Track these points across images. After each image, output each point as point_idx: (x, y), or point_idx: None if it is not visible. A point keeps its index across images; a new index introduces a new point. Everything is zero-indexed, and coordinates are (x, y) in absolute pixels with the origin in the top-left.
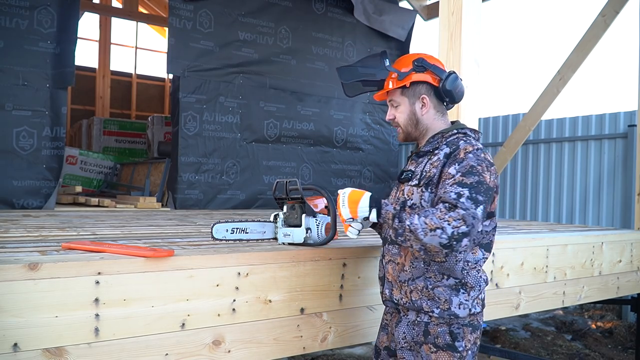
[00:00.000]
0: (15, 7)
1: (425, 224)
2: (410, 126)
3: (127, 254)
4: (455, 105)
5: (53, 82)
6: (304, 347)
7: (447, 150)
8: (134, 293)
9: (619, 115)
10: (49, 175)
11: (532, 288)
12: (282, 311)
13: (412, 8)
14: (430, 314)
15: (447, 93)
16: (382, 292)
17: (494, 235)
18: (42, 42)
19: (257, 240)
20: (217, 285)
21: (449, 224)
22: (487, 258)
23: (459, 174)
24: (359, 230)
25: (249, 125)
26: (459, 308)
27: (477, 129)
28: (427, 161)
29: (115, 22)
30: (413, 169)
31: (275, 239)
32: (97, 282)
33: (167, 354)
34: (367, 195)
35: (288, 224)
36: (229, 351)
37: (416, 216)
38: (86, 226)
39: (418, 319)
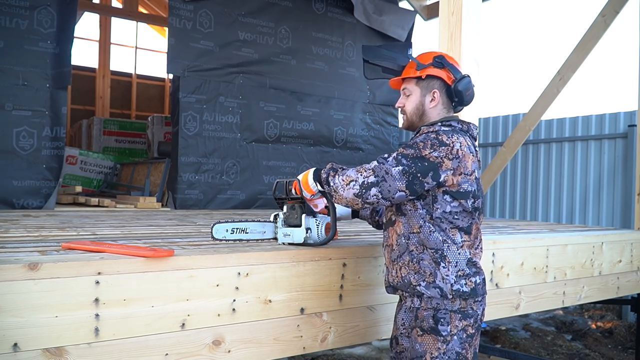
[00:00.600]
0: (15, 7)
1: (342, 180)
2: (415, 116)
3: (127, 254)
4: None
5: (53, 82)
6: (304, 347)
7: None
8: (134, 293)
9: (619, 115)
10: (49, 175)
11: (532, 288)
12: (282, 311)
13: (412, 8)
14: (418, 288)
15: (457, 93)
16: (384, 280)
17: (473, 219)
18: (42, 42)
19: (257, 240)
20: (217, 285)
21: (361, 175)
22: (471, 243)
23: (405, 146)
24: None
25: (249, 125)
26: (442, 282)
27: (469, 121)
28: None
29: (115, 22)
30: None
31: (276, 239)
32: (97, 282)
33: (167, 354)
34: (311, 170)
35: (288, 224)
36: (229, 351)
37: (337, 176)
38: (86, 226)
39: (412, 304)
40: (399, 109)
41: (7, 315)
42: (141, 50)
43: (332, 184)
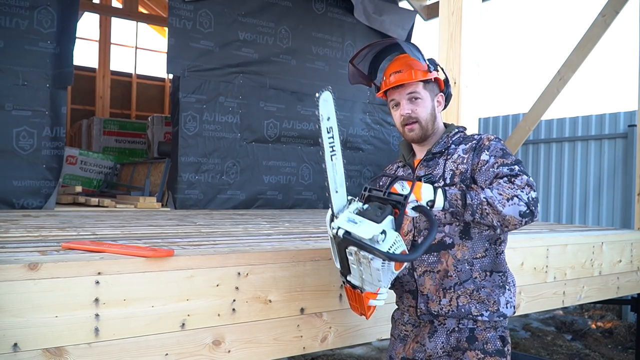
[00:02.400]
0: (15, 7)
1: (500, 194)
2: (430, 122)
3: (127, 254)
4: (456, 105)
5: (53, 82)
6: (304, 347)
7: (465, 146)
8: (134, 293)
9: (619, 115)
10: (49, 175)
11: (532, 288)
12: (282, 311)
13: (412, 8)
14: (479, 317)
15: (448, 97)
16: (413, 307)
17: None
18: (42, 42)
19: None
20: (217, 285)
21: (522, 191)
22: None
23: (494, 157)
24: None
25: (249, 125)
26: (507, 307)
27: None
28: (446, 161)
29: (115, 22)
30: (432, 172)
31: (335, 216)
32: (97, 282)
33: (167, 354)
34: (427, 183)
35: (363, 214)
36: (229, 351)
37: (488, 190)
38: (86, 226)
39: (460, 325)
40: (406, 117)
41: (7, 315)
42: (141, 50)
43: (482, 196)
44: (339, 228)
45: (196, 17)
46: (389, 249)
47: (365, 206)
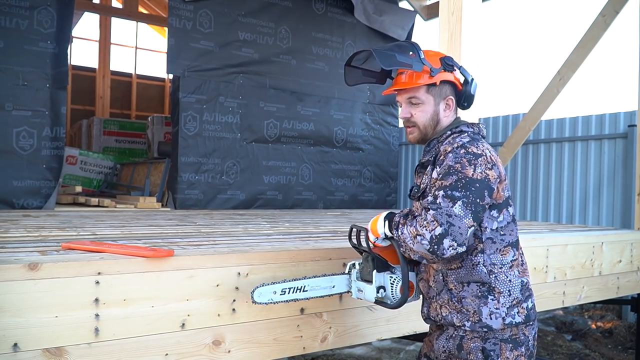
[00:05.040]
0: (15, 7)
1: (410, 232)
2: (430, 127)
3: (127, 254)
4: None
5: (53, 82)
6: (304, 347)
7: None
8: (134, 293)
9: (619, 115)
10: (49, 175)
11: (532, 288)
12: (282, 311)
13: (412, 8)
14: (463, 327)
15: (468, 98)
16: (421, 311)
17: (516, 229)
18: (42, 42)
19: (322, 296)
20: (217, 285)
21: (425, 229)
22: (519, 260)
23: (440, 176)
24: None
25: (249, 125)
26: (491, 318)
27: (475, 122)
28: (433, 169)
29: (115, 22)
30: (419, 183)
31: (349, 292)
32: (97, 282)
33: (167, 354)
34: (385, 212)
35: (362, 277)
36: (229, 351)
37: (407, 225)
38: (86, 226)
39: (455, 332)
40: (404, 119)
41: (7, 315)
42: (141, 50)
43: (400, 232)
44: (358, 298)
45: (196, 17)
46: (392, 295)
47: (361, 261)
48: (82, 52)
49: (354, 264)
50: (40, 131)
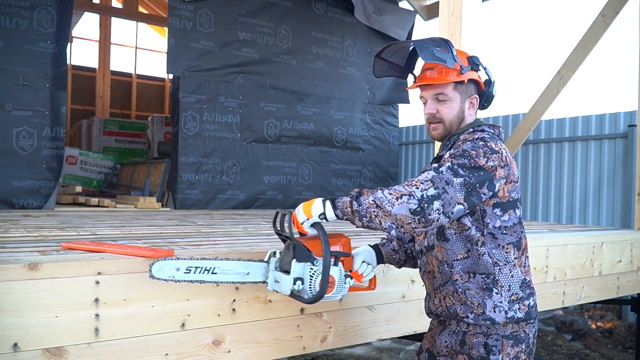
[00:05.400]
0: (15, 7)
1: (391, 194)
2: (455, 124)
3: (127, 254)
4: None
5: (53, 82)
6: (304, 347)
7: None
8: (134, 293)
9: (619, 115)
10: (49, 175)
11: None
12: (282, 311)
13: (412, 8)
14: (466, 319)
15: (489, 98)
16: (424, 305)
17: (522, 232)
18: (42, 42)
19: (233, 282)
20: (217, 285)
21: (417, 188)
22: (522, 260)
23: (450, 156)
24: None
25: (249, 125)
26: (494, 311)
27: (494, 124)
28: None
29: (115, 22)
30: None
31: (265, 282)
32: (97, 282)
33: (167, 354)
34: (320, 198)
35: (282, 267)
36: (229, 351)
37: (379, 191)
38: (86, 226)
39: (458, 327)
40: (430, 116)
41: (7, 315)
42: (141, 50)
43: (370, 198)
44: (274, 290)
45: (196, 17)
46: (310, 289)
47: (282, 250)
48: (82, 52)
49: (274, 253)
50: (40, 131)
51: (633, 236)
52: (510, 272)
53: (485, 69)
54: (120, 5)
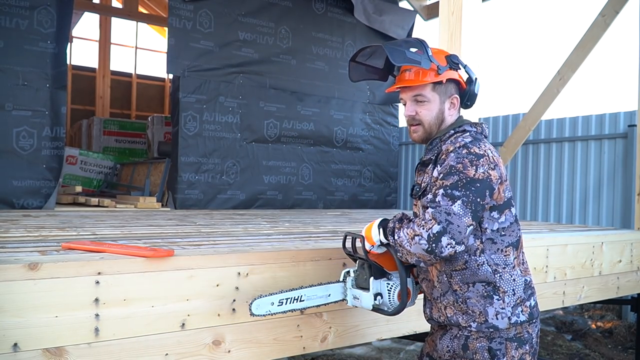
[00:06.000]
0: (15, 7)
1: (407, 234)
2: (435, 126)
3: (127, 254)
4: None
5: (53, 82)
6: (304, 347)
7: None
8: (134, 293)
9: (619, 115)
10: (49, 175)
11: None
12: None
13: (412, 8)
14: (469, 328)
15: (472, 97)
16: (424, 311)
17: (519, 229)
18: (42, 42)
19: (318, 305)
20: (217, 285)
21: (423, 228)
22: (520, 260)
23: (440, 175)
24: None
25: (249, 125)
26: (497, 318)
27: (477, 121)
28: (434, 168)
29: (115, 22)
30: (420, 182)
31: (345, 300)
32: (97, 282)
33: (167, 354)
34: (379, 219)
35: (358, 285)
36: (229, 351)
37: (402, 229)
38: (86, 226)
39: (460, 332)
40: (409, 117)
41: (7, 315)
42: (141, 50)
43: (396, 236)
44: (354, 306)
45: (196, 17)
46: (389, 302)
47: (356, 269)
48: (82, 52)
49: (348, 272)
50: (40, 131)
51: (633, 236)
52: (512, 275)
53: (465, 67)
54: (120, 5)
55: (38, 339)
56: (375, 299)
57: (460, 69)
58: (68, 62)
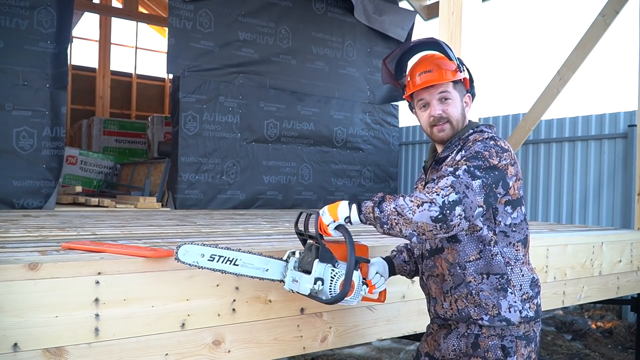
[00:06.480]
0: (15, 7)
1: (412, 201)
2: (460, 123)
3: (127, 254)
4: None
5: (53, 82)
6: (304, 347)
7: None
8: (134, 293)
9: (619, 115)
10: (49, 175)
11: None
12: (282, 311)
13: (412, 8)
14: (480, 322)
15: (473, 97)
16: (428, 310)
17: (527, 228)
18: (42, 42)
19: (252, 277)
20: (217, 285)
21: (437, 194)
22: (527, 257)
23: (464, 158)
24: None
25: (249, 125)
26: (510, 311)
27: (491, 124)
28: (455, 155)
29: (115, 22)
30: (435, 178)
31: (282, 281)
32: (97, 282)
33: (167, 354)
34: (345, 200)
35: (301, 267)
36: (229, 351)
37: (400, 198)
38: (86, 226)
39: (468, 330)
40: (436, 117)
41: (7, 315)
42: (141, 50)
43: (392, 206)
44: (290, 290)
45: (196, 17)
46: (330, 289)
47: (303, 250)
48: (82, 52)
49: (293, 252)
50: (40, 131)
51: (633, 236)
52: (521, 271)
53: (467, 69)
54: (120, 5)
55: (38, 339)
56: (315, 283)
57: (464, 69)
58: (68, 62)
